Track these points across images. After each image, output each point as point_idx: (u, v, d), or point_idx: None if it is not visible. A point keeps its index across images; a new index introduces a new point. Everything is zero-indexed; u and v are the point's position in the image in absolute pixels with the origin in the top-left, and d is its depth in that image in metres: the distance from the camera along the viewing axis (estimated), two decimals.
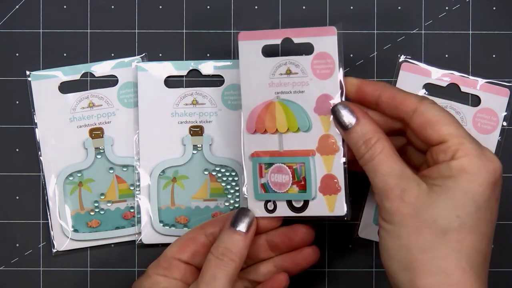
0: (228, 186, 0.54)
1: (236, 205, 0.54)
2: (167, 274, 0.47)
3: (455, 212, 0.41)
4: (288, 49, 0.49)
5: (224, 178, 0.54)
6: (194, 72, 0.55)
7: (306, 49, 0.48)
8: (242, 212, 0.47)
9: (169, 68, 0.54)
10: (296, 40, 0.50)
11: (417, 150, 0.47)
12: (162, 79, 0.54)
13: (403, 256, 0.42)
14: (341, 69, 0.47)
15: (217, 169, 0.54)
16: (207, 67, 0.54)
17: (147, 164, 0.53)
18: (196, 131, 0.54)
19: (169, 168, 0.54)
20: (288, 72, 0.50)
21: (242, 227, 0.46)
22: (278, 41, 0.49)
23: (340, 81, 0.47)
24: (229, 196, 0.54)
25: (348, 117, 0.45)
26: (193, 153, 0.54)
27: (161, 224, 0.54)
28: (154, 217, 0.53)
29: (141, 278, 0.48)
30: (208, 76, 0.54)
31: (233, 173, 0.54)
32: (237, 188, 0.54)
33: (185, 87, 0.54)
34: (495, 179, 0.42)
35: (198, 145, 0.54)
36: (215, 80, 0.55)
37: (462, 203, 0.42)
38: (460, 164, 0.42)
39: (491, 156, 0.43)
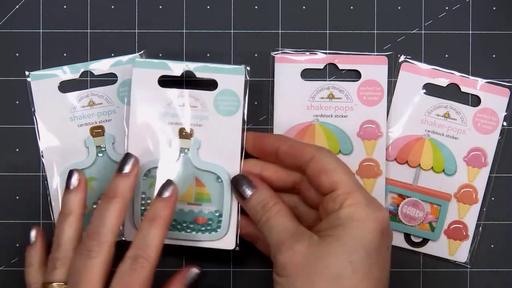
0: (213, 192, 0.50)
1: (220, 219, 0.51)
2: None
3: (347, 258, 0.42)
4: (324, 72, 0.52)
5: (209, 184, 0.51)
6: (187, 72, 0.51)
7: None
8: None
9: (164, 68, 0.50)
10: (342, 67, 0.53)
11: (309, 207, 0.49)
12: (156, 78, 0.50)
13: None
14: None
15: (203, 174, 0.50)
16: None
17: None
18: (187, 133, 0.51)
19: (154, 169, 0.50)
20: (331, 97, 0.53)
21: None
22: (320, 66, 0.53)
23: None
24: (214, 202, 0.50)
25: (247, 187, 0.48)
26: (180, 155, 0.50)
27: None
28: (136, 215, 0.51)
29: None
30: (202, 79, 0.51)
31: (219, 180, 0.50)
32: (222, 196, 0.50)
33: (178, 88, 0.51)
34: (382, 228, 0.43)
35: (186, 148, 0.51)
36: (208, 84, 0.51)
37: (353, 249, 0.42)
38: (348, 213, 0.43)
39: (379, 206, 0.44)
